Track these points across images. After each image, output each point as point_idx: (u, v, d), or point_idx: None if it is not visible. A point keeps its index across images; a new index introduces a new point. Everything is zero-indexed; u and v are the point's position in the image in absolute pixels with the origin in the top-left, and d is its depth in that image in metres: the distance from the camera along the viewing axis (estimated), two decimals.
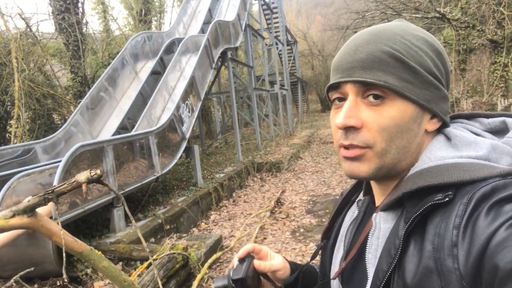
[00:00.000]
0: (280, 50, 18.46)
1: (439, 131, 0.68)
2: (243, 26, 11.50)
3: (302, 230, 5.71)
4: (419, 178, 0.60)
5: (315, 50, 26.76)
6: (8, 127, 8.46)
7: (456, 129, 0.66)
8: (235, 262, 0.83)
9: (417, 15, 11.75)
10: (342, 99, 0.67)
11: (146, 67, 9.02)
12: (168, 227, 5.49)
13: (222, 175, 8.26)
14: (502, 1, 8.93)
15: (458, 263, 0.50)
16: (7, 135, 8.24)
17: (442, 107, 0.66)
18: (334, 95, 0.68)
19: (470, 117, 0.70)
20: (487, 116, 0.69)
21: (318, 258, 0.88)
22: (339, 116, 0.65)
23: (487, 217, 0.50)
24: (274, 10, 17.25)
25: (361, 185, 0.82)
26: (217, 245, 4.92)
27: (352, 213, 0.80)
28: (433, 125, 0.67)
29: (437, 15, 10.66)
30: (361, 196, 0.81)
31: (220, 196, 7.46)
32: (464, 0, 11.16)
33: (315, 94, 28.45)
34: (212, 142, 13.72)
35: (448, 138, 0.65)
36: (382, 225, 0.65)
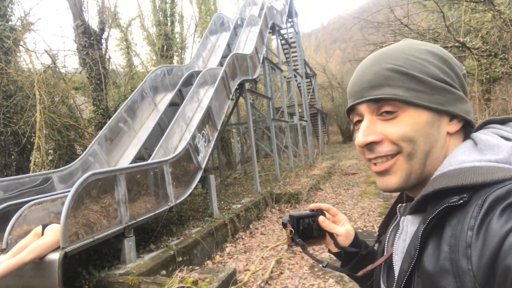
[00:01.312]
0: (299, 83, 18.58)
1: (469, 136, 0.70)
2: (261, 59, 11.64)
3: (321, 265, 5.41)
4: (437, 181, 0.62)
5: (335, 82, 26.86)
6: (31, 157, 8.64)
7: (484, 134, 0.67)
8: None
9: (436, 45, 11.64)
10: (361, 120, 0.72)
11: (165, 99, 9.15)
12: (180, 259, 5.30)
13: (239, 206, 8.08)
14: None
15: (471, 264, 0.51)
16: (30, 165, 8.40)
17: (461, 107, 0.68)
18: (354, 118, 0.74)
19: (503, 122, 0.70)
20: None
21: None
22: (358, 135, 0.70)
23: (500, 218, 0.50)
24: (293, 45, 17.53)
25: None
26: (230, 279, 4.68)
27: (395, 218, 0.84)
28: (454, 126, 0.69)
29: (457, 44, 10.50)
30: (402, 204, 0.83)
31: (236, 227, 7.25)
32: (485, 30, 11.00)
33: (335, 125, 28.27)
34: (231, 173, 13.62)
35: (476, 143, 0.66)
36: (409, 228, 0.68)
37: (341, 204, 9.20)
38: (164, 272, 4.92)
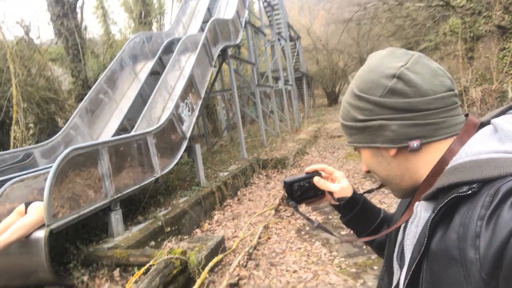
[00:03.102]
0: (283, 46, 18.24)
1: (490, 122, 0.68)
2: (243, 23, 11.32)
3: (307, 228, 5.53)
4: (452, 174, 0.63)
5: (319, 45, 26.39)
6: (11, 132, 8.43)
7: (506, 121, 0.65)
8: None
9: (420, 4, 11.45)
10: None
11: (145, 68, 8.91)
12: (168, 229, 5.35)
13: (226, 173, 8.11)
14: None
15: (479, 253, 0.51)
16: (10, 141, 8.21)
17: (384, 135, 0.73)
18: None
19: None
20: None
21: None
22: None
23: (511, 210, 0.50)
24: (275, 7, 17.02)
25: None
26: (219, 247, 4.77)
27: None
28: (391, 151, 0.75)
29: (441, 3, 10.36)
30: None
31: (224, 195, 7.31)
32: None
33: (321, 88, 28.10)
34: (217, 140, 13.58)
35: (496, 130, 0.65)
36: (423, 214, 0.69)
37: None
38: (153, 243, 4.97)
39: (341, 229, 5.33)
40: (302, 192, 1.05)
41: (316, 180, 1.04)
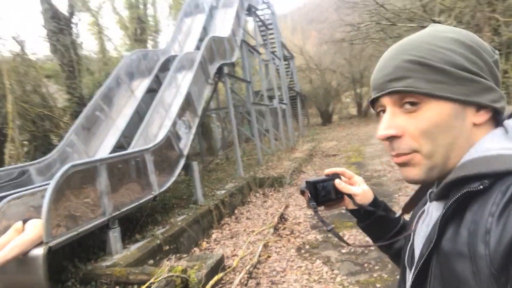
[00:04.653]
0: (278, 65, 18.46)
1: (500, 124, 0.67)
2: (239, 42, 11.46)
3: (307, 246, 5.47)
4: (461, 169, 0.62)
5: (312, 64, 26.78)
6: (5, 150, 8.31)
7: None
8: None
9: (412, 25, 11.71)
10: (384, 110, 0.71)
11: (142, 86, 8.93)
12: (167, 247, 5.26)
13: (223, 191, 8.05)
14: (497, 8, 8.84)
15: (489, 249, 0.51)
16: (4, 158, 8.09)
17: (488, 97, 0.65)
18: (377, 108, 0.73)
19: None
20: None
21: None
22: (379, 128, 0.69)
23: None
24: (269, 27, 17.30)
25: None
26: (218, 265, 4.68)
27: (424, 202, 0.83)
28: (482, 117, 0.66)
29: (432, 24, 10.60)
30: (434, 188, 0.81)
31: (221, 213, 7.23)
32: (458, 10, 11.09)
33: (315, 108, 28.35)
34: (213, 158, 13.54)
35: (506, 132, 0.64)
36: (434, 213, 0.69)
37: None
38: (151, 261, 4.87)
39: (341, 247, 5.28)
40: (324, 194, 1.00)
41: (338, 182, 1.00)
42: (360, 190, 1.03)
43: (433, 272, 0.63)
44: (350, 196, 1.02)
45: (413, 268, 0.70)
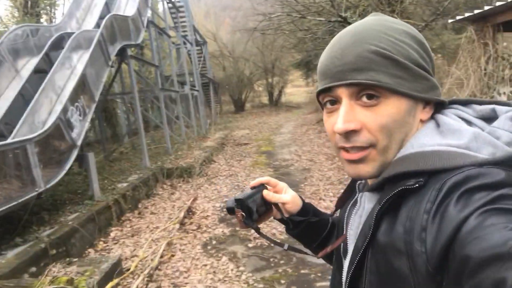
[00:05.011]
0: (189, 50, 17.81)
1: (432, 117, 0.69)
2: (145, 22, 10.67)
3: (214, 242, 5.24)
4: (399, 164, 0.63)
5: (226, 52, 26.46)
6: None
7: (447, 116, 0.67)
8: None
9: (320, 19, 12.03)
10: (334, 102, 0.68)
11: (29, 65, 7.76)
12: (54, 251, 4.62)
13: (125, 184, 7.43)
14: (396, 9, 9.44)
15: (425, 247, 0.52)
16: None
17: (434, 93, 0.67)
18: (325, 98, 0.69)
19: (465, 103, 0.71)
20: (480, 103, 0.69)
21: None
22: (338, 122, 0.65)
23: (457, 204, 0.51)
24: (181, 9, 16.51)
25: None
26: (114, 270, 4.22)
27: (354, 194, 0.84)
28: (427, 113, 0.68)
29: (339, 19, 10.99)
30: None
31: (122, 209, 6.65)
32: (361, 7, 11.66)
33: (227, 95, 28.14)
34: (116, 147, 12.56)
35: (438, 125, 0.67)
36: (366, 204, 0.71)
37: (234, 176, 9.15)
38: (34, 269, 4.22)
39: (248, 241, 5.15)
40: (256, 208, 0.93)
41: (266, 193, 0.95)
42: (289, 197, 0.99)
43: (368, 267, 0.63)
44: (277, 205, 0.98)
45: (348, 258, 0.70)
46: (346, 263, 0.72)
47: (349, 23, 10.84)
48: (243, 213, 0.90)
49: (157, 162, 9.82)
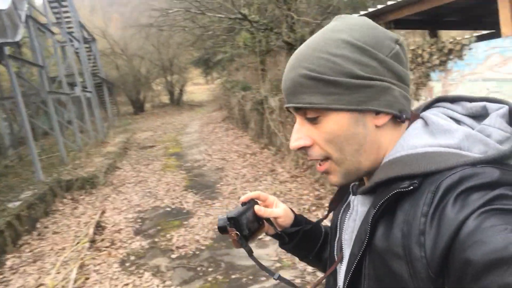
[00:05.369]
0: (77, 48, 16.27)
1: (419, 116, 0.69)
2: (23, 17, 9.39)
3: (132, 257, 4.86)
4: (390, 167, 0.62)
5: (118, 49, 24.76)
6: None
7: (435, 115, 0.67)
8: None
9: (220, 15, 11.97)
10: None
11: None
12: None
13: (18, 203, 6.48)
14: (292, 7, 9.82)
15: (425, 251, 0.52)
16: None
17: (384, 99, 0.64)
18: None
19: (453, 100, 0.70)
20: (470, 100, 0.68)
21: None
22: (291, 139, 0.70)
23: (455, 206, 0.51)
24: (63, 3, 14.92)
25: None
26: None
27: (347, 196, 0.83)
28: (381, 119, 0.66)
29: (240, 16, 11.07)
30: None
31: (17, 232, 5.79)
32: (256, 5, 11.89)
33: (124, 96, 26.40)
34: None
35: (426, 124, 0.66)
36: (360, 208, 0.70)
37: (144, 182, 8.63)
38: None
39: (171, 252, 4.88)
40: (249, 226, 0.89)
41: (258, 208, 0.92)
42: (282, 210, 0.96)
43: (366, 273, 0.62)
44: (269, 220, 0.94)
45: (344, 264, 0.69)
46: (342, 269, 0.71)
47: (250, 21, 10.99)
48: (238, 232, 0.85)
49: (53, 174, 8.79)
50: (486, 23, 6.81)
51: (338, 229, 0.81)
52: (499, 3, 3.98)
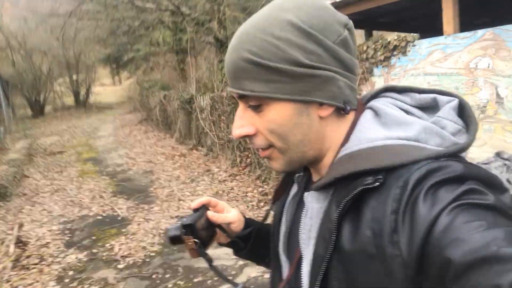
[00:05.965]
0: None
1: (366, 106, 0.68)
2: None
3: (71, 272, 4.36)
4: (350, 162, 0.60)
5: (15, 42, 22.04)
6: None
7: (386, 106, 0.65)
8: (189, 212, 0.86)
9: (151, 6, 11.34)
10: None
11: None
12: None
13: None
14: (223, 3, 9.74)
15: (400, 250, 0.50)
16: None
17: (329, 90, 0.62)
18: None
19: (402, 91, 0.69)
20: (419, 92, 0.68)
21: None
22: (233, 126, 0.67)
23: (426, 202, 0.50)
24: None
25: None
26: None
27: (294, 187, 0.80)
28: (325, 111, 0.64)
29: (173, 8, 10.61)
30: (301, 172, 0.79)
31: None
32: None
33: (21, 96, 23.49)
34: None
35: (377, 114, 0.65)
36: (314, 204, 0.65)
37: (62, 191, 7.79)
38: None
39: (116, 262, 4.50)
40: (205, 234, 0.84)
41: (211, 214, 0.87)
42: (235, 215, 0.92)
43: (334, 274, 0.59)
44: (220, 227, 0.89)
45: (307, 265, 0.65)
46: (305, 271, 0.66)
47: (182, 13, 10.54)
48: (196, 240, 0.80)
49: None
50: (414, 25, 7.58)
51: (282, 224, 0.78)
52: (443, 3, 4.40)
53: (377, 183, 0.55)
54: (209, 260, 0.83)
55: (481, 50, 3.88)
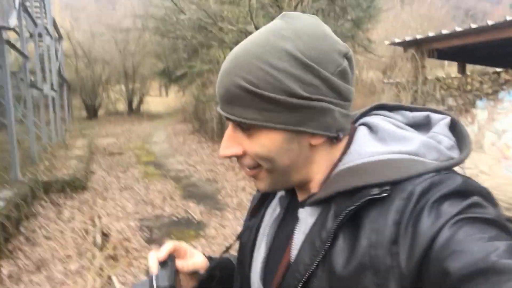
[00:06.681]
0: (48, 44, 15.17)
1: (359, 122, 0.70)
2: (17, 3, 8.61)
3: None
4: (353, 176, 0.59)
5: (80, 51, 23.32)
6: None
7: (380, 121, 0.66)
8: (153, 265, 0.75)
9: (232, 27, 11.66)
10: None
11: None
12: None
13: (1, 203, 5.73)
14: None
15: (398, 261, 0.50)
16: None
17: (323, 120, 0.61)
18: None
19: (393, 108, 0.70)
20: (411, 110, 0.69)
21: None
22: (221, 146, 0.66)
23: (430, 215, 0.50)
24: None
25: None
26: None
27: (273, 210, 0.77)
28: (317, 140, 0.63)
29: (242, 27, 10.86)
30: (282, 193, 0.76)
31: (8, 233, 5.11)
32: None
33: (78, 99, 24.73)
34: None
35: (372, 130, 0.66)
36: (309, 220, 0.64)
37: (130, 190, 8.06)
38: None
39: None
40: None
41: (182, 266, 0.80)
42: (201, 259, 0.85)
43: (317, 284, 0.58)
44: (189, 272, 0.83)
45: (294, 279, 0.61)
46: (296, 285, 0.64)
47: (246, 33, 10.76)
48: None
49: (25, 173, 7.92)
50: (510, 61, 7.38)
51: (260, 250, 0.75)
52: None
53: (384, 194, 0.54)
54: None
55: None
